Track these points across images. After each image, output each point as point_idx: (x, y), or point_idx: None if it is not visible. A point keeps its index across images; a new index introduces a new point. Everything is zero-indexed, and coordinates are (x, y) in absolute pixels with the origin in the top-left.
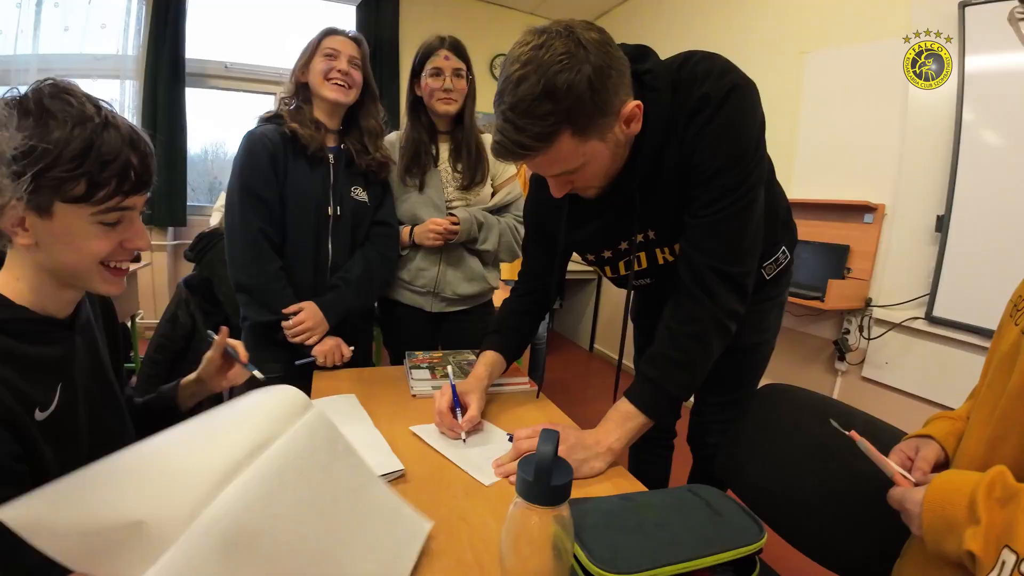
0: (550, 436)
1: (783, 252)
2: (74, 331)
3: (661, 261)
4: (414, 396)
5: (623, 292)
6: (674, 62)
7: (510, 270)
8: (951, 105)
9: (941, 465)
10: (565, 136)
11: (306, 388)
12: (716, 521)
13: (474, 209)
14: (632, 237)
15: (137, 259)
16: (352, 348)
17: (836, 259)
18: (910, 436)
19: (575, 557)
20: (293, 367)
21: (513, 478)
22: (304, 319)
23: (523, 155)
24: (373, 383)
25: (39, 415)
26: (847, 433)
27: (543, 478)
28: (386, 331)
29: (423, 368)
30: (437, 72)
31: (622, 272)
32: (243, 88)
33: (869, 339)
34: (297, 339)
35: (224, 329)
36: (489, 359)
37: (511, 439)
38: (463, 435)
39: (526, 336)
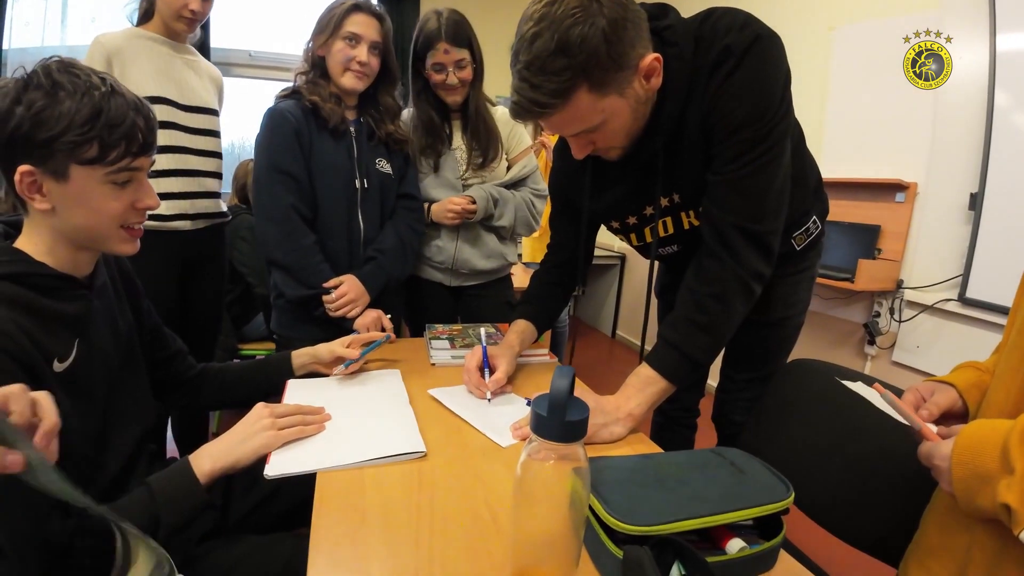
0: (565, 371)
1: (814, 222)
2: (92, 291)
3: (687, 226)
4: (433, 365)
5: (646, 276)
6: (695, 19)
7: (532, 254)
8: (984, 81)
9: (958, 415)
10: (582, 91)
11: None
12: (740, 479)
13: (488, 186)
14: (657, 201)
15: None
16: (390, 318)
17: (867, 239)
18: (930, 379)
19: (591, 510)
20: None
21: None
22: (346, 291)
23: (540, 113)
24: (394, 352)
25: (58, 366)
26: (871, 387)
27: (558, 412)
28: (407, 306)
29: (443, 339)
30: (439, 67)
31: (648, 239)
32: (268, 76)
33: (900, 322)
34: (339, 312)
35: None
36: (520, 327)
37: (529, 403)
38: (488, 394)
39: (556, 307)
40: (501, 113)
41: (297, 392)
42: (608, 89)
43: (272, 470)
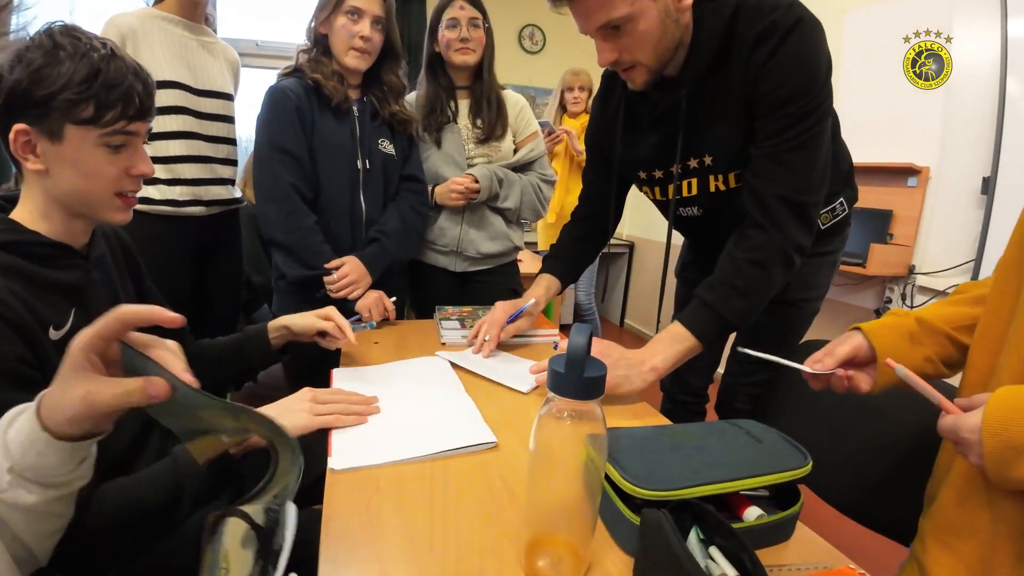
0: (583, 328)
1: (841, 204)
2: (89, 262)
3: (713, 189)
4: (443, 344)
5: (656, 267)
6: None
7: (547, 241)
8: (995, 66)
9: (863, 361)
10: None
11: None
12: (758, 447)
13: (493, 166)
14: (684, 158)
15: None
16: (394, 300)
17: (878, 225)
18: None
19: (607, 477)
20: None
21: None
22: (348, 272)
23: None
24: (405, 334)
25: (54, 333)
26: (886, 363)
27: (576, 369)
28: (412, 291)
29: (453, 319)
30: (454, 23)
31: (671, 195)
32: (275, 66)
33: (912, 307)
34: (340, 294)
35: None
36: (546, 281)
37: (556, 347)
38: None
39: (583, 261)
40: (510, 96)
41: (344, 382)
42: None
43: (337, 463)
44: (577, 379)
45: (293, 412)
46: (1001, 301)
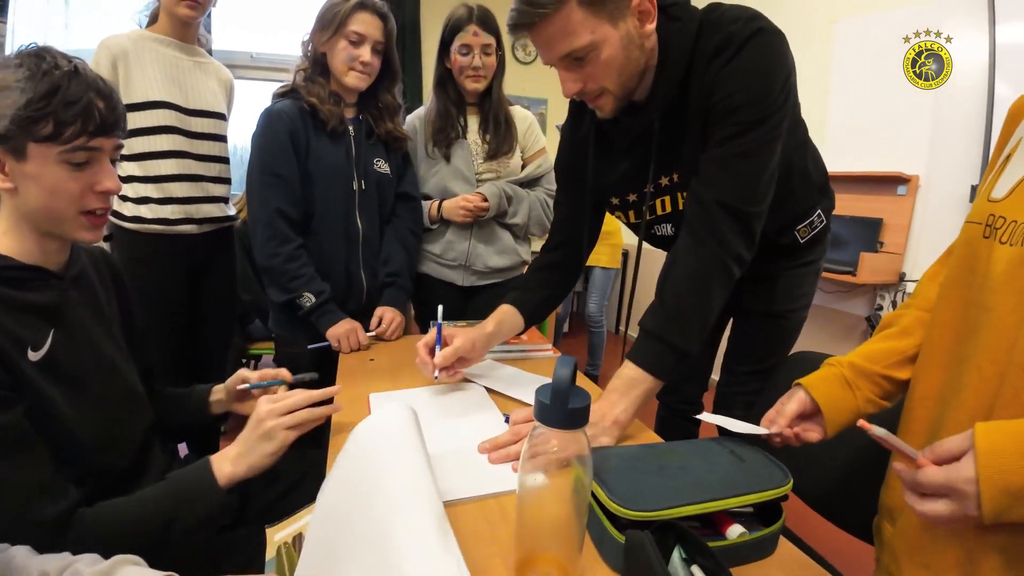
0: (567, 361)
1: (819, 216)
2: (66, 281)
3: (681, 207)
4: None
5: (652, 275)
6: (705, 7)
7: None
8: (984, 73)
9: (810, 414)
10: (574, 3)
11: (332, 368)
12: (741, 466)
13: (501, 183)
14: (655, 179)
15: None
16: (372, 334)
17: (868, 233)
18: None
19: (594, 497)
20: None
21: (515, 463)
22: (392, 317)
23: (533, 16)
24: (400, 349)
25: (32, 355)
26: (859, 425)
27: (560, 400)
28: (416, 305)
29: None
30: (466, 50)
31: (647, 217)
32: (270, 78)
33: None
34: (395, 337)
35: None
36: (501, 312)
37: (507, 420)
38: (436, 372)
39: (553, 294)
40: (518, 112)
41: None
42: (600, 11)
43: None
44: (562, 410)
45: (267, 439)
46: (947, 318)
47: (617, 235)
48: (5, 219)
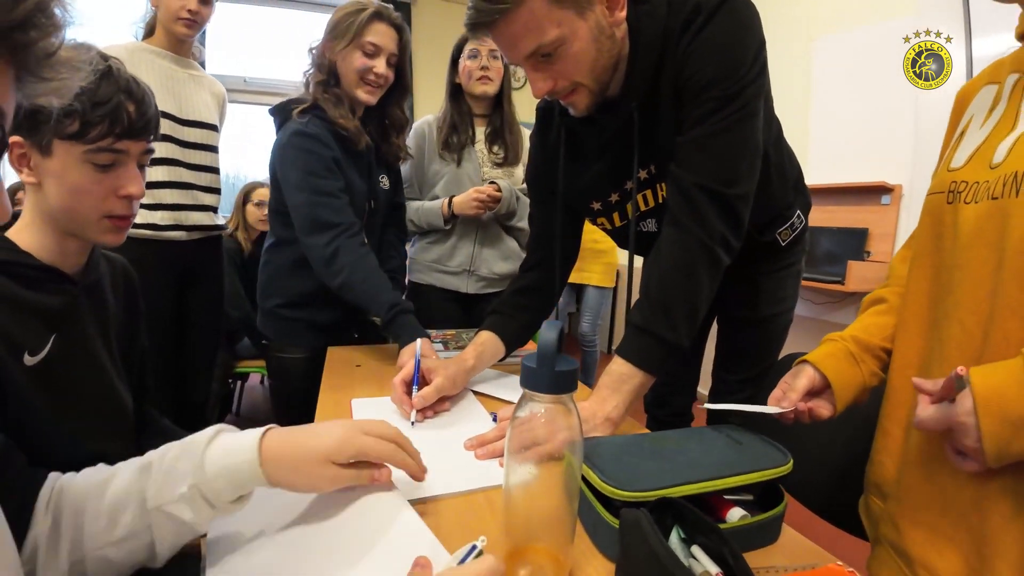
0: (553, 325)
1: (798, 216)
2: (79, 287)
3: (661, 200)
4: None
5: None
6: None
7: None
8: (962, 81)
9: (820, 390)
10: None
11: (318, 366)
12: (738, 448)
13: (512, 185)
14: (635, 172)
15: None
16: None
17: (855, 243)
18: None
19: (586, 481)
20: (313, 350)
21: (502, 459)
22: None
23: (492, 13)
24: (386, 356)
25: (28, 359)
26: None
27: (547, 363)
28: (417, 316)
29: (437, 343)
30: (474, 53)
31: (630, 215)
32: (263, 102)
33: None
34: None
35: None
36: (481, 341)
37: (495, 419)
38: (413, 415)
39: (534, 317)
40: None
41: (365, 412)
42: (566, 1)
43: None
44: (550, 373)
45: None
46: (920, 287)
47: (612, 253)
48: (28, 212)
